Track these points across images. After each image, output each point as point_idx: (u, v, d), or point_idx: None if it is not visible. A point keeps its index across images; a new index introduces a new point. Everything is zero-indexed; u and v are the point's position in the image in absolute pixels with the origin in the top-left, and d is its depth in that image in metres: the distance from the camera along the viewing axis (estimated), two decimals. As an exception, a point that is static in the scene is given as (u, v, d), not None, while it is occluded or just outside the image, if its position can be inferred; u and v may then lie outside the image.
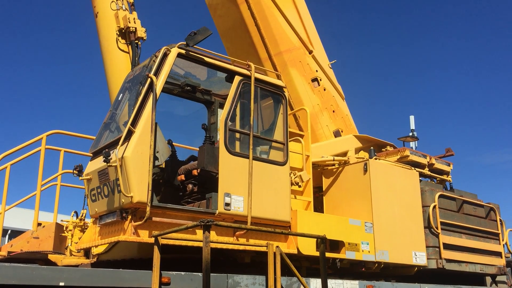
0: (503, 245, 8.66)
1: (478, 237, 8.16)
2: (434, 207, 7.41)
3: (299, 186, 6.27)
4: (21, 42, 54.77)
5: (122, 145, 4.79)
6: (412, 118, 14.19)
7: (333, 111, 8.45)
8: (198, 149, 5.63)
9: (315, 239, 5.81)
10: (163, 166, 5.91)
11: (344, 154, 7.59)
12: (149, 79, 5.03)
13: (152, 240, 4.59)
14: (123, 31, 7.43)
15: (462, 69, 53.39)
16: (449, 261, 7.39)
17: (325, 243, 5.26)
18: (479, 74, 50.91)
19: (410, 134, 10.78)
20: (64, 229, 6.93)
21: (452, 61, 53.27)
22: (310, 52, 8.47)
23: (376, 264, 6.61)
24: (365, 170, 6.83)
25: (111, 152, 4.79)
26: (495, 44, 47.00)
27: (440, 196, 7.59)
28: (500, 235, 8.59)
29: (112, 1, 7.46)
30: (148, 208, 4.66)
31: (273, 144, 6.00)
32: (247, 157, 5.44)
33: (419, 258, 7.07)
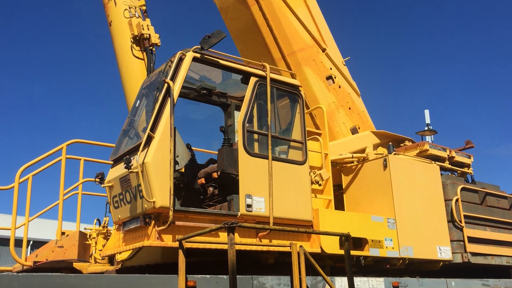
0: (529, 236, 8.50)
1: (503, 229, 8.04)
2: (457, 200, 7.32)
3: (319, 185, 6.25)
4: (37, 52, 55.60)
5: (142, 151, 4.82)
6: (427, 112, 14.09)
7: (349, 108, 8.41)
8: (216, 152, 5.64)
9: (338, 238, 5.78)
10: (183, 171, 5.93)
11: (363, 150, 7.53)
12: (166, 84, 5.05)
13: (176, 244, 4.60)
14: (137, 38, 7.48)
15: (474, 62, 52.75)
16: (474, 254, 7.29)
17: (349, 241, 5.23)
18: (490, 67, 50.23)
19: (426, 128, 10.65)
20: (88, 237, 7.00)
21: (464, 54, 52.66)
22: (323, 50, 8.45)
23: (401, 260, 6.55)
24: (385, 166, 6.78)
25: (131, 158, 4.82)
26: (508, 36, 46.33)
27: (462, 189, 7.50)
28: (526, 226, 8.45)
29: (125, 9, 7.51)
30: (171, 213, 4.67)
31: (292, 143, 5.98)
32: (266, 158, 5.44)
33: (444, 252, 6.99)
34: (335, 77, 8.37)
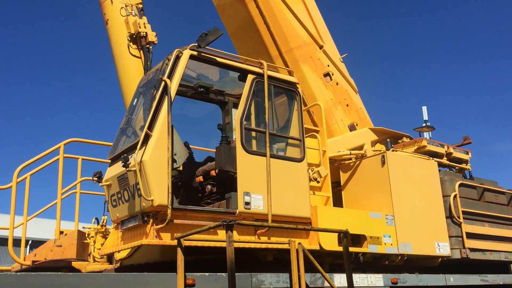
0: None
1: (501, 224, 8.05)
2: (455, 196, 7.33)
3: (318, 182, 6.24)
4: (35, 51, 55.45)
5: (140, 149, 4.81)
6: (424, 108, 14.13)
7: (347, 105, 8.41)
8: (214, 150, 5.64)
9: (337, 234, 5.79)
10: (181, 169, 5.92)
11: (361, 147, 7.55)
12: (163, 83, 5.04)
13: (174, 242, 4.60)
14: (134, 36, 7.46)
15: (472, 58, 52.83)
16: (472, 250, 7.31)
17: (348, 238, 5.23)
18: (488, 63, 50.33)
19: (424, 124, 10.66)
20: (86, 236, 6.99)
21: (462, 50, 52.73)
22: (321, 47, 8.44)
23: (399, 257, 6.56)
24: (383, 163, 6.78)
25: (129, 156, 4.81)
26: (506, 32, 46.40)
27: (460, 185, 7.51)
28: (524, 222, 8.46)
29: (122, 7, 7.49)
30: (169, 211, 4.67)
31: (290, 141, 5.98)
32: (264, 155, 5.44)
33: (442, 248, 7.00)
34: (332, 74, 8.37)
